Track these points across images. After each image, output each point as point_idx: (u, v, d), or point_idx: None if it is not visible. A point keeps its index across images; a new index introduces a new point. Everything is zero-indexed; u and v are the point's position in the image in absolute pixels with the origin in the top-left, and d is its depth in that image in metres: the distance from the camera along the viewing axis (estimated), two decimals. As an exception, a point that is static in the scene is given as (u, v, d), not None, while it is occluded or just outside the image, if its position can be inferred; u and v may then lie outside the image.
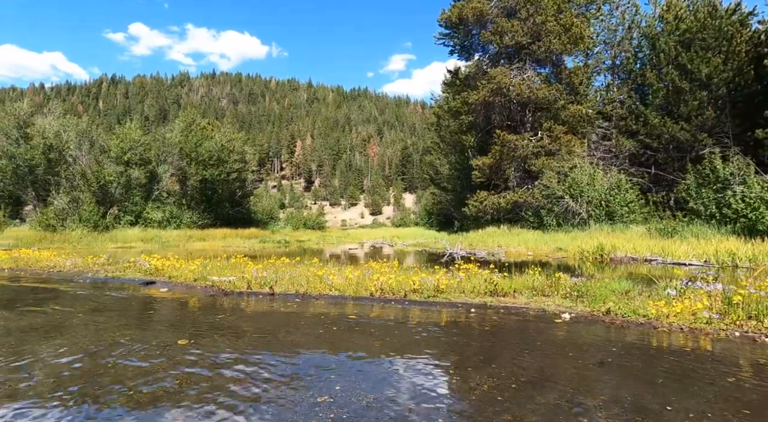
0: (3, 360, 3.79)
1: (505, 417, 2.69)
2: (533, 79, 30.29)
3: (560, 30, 29.10)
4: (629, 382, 3.24)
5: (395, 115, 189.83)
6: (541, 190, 28.04)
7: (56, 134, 28.31)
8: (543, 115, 30.91)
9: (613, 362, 3.71)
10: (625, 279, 8.15)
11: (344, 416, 2.67)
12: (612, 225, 24.58)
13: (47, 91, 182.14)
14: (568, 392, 3.03)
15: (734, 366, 3.60)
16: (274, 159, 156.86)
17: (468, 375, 3.45)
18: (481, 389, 3.15)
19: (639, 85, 32.89)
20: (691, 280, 6.03)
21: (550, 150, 29.26)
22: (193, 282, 7.68)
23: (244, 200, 40.02)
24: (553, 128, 29.61)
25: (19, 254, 11.83)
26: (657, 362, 3.73)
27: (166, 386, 3.17)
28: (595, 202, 25.98)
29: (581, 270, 12.11)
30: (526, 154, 29.26)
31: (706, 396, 3.00)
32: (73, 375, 3.44)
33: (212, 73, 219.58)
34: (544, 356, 3.88)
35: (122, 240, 22.47)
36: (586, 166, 27.59)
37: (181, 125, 34.79)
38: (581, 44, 30.42)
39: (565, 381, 3.24)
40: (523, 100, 29.85)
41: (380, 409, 2.76)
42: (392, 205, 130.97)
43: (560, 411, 2.74)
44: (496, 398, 2.99)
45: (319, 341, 4.47)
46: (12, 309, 6.11)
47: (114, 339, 4.54)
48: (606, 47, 36.08)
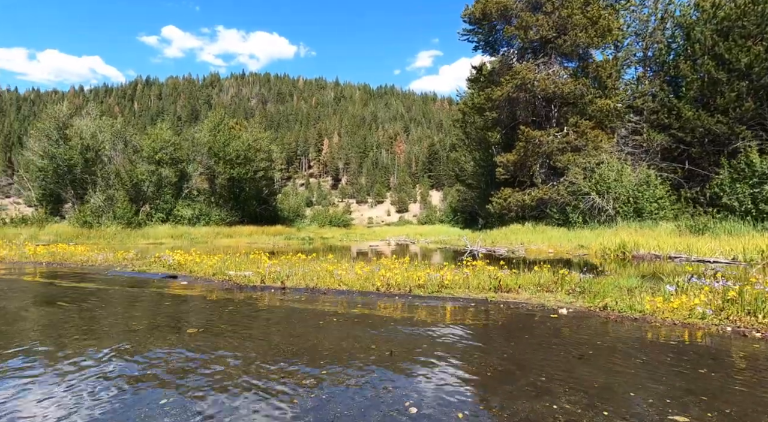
0: (45, 338, 4.26)
1: (474, 400, 2.87)
2: (559, 73, 29.73)
3: (587, 23, 28.44)
4: (603, 372, 3.36)
5: (422, 111, 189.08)
6: (567, 187, 27.57)
7: (93, 135, 29.86)
8: (569, 110, 30.31)
9: (595, 354, 3.80)
10: (638, 276, 8.08)
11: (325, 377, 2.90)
12: (640, 222, 23.97)
13: (86, 93, 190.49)
14: (540, 380, 3.17)
15: (711, 358, 3.64)
16: (302, 157, 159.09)
17: (443, 363, 3.62)
18: (455, 375, 3.32)
19: (672, 77, 31.76)
20: (700, 277, 5.96)
21: (577, 146, 28.68)
22: (212, 276, 8.10)
23: (271, 198, 40.96)
24: (580, 123, 29.01)
25: (57, 249, 12.70)
26: (637, 354, 3.81)
27: (158, 372, 3.48)
28: (622, 199, 25.38)
29: (603, 268, 11.97)
30: (552, 150, 28.79)
31: (673, 384, 3.08)
32: (88, 355, 3.83)
33: (242, 74, 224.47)
34: (527, 348, 4.01)
35: (153, 236, 23.52)
36: (613, 162, 26.95)
37: (210, 125, 36.02)
38: (609, 37, 29.64)
39: (539, 371, 3.38)
40: (549, 96, 29.34)
41: (360, 379, 2.99)
42: (418, 203, 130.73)
43: (525, 395, 2.89)
44: (467, 383, 3.16)
45: (316, 330, 4.73)
46: (50, 300, 6.69)
47: (130, 326, 4.94)
48: (637, 39, 34.96)
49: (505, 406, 2.74)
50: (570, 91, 28.65)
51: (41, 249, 12.83)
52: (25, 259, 12.01)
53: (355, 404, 2.79)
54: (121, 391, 3.05)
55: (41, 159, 29.96)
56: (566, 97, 29.50)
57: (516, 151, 29.73)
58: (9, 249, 13.16)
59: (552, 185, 29.01)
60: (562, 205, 27.67)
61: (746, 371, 3.38)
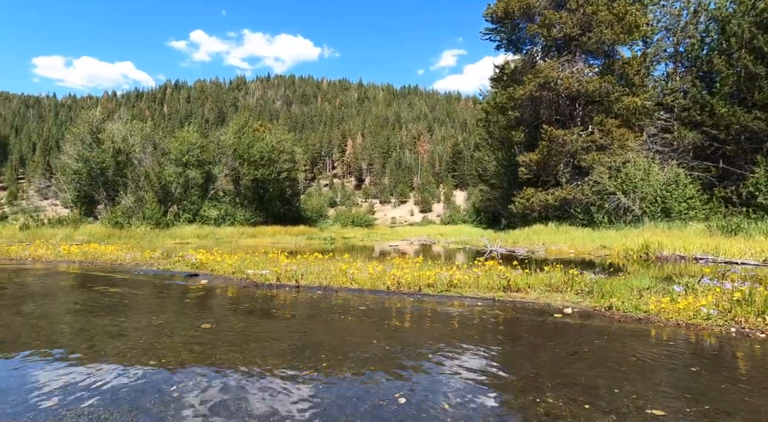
0: (73, 336, 4.61)
1: (461, 392, 2.98)
2: (583, 71, 29.15)
3: (613, 19, 27.81)
4: (593, 369, 3.41)
5: (446, 111, 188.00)
6: (591, 186, 27.04)
7: (124, 138, 31.11)
8: (594, 109, 29.68)
9: (589, 351, 3.85)
10: (657, 277, 7.96)
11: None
12: (668, 223, 23.31)
13: (119, 98, 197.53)
14: (530, 375, 3.26)
15: (706, 358, 3.64)
16: (326, 158, 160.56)
17: (439, 357, 3.74)
18: (448, 369, 3.43)
19: (705, 73, 30.72)
20: (714, 278, 5.85)
21: (602, 144, 28.09)
22: (231, 275, 8.42)
23: (294, 199, 41.67)
24: (605, 122, 28.39)
25: (89, 248, 13.39)
26: (632, 352, 3.85)
27: (169, 359, 3.73)
28: (649, 198, 24.74)
29: (624, 269, 11.77)
30: (576, 149, 28.26)
31: (660, 381, 3.13)
32: (109, 345, 4.13)
33: (267, 76, 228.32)
34: (524, 345, 4.09)
35: (180, 236, 24.32)
36: (640, 161, 26.29)
37: (235, 128, 36.97)
38: (636, 33, 28.91)
39: (531, 366, 3.46)
40: (572, 94, 28.81)
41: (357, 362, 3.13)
42: (442, 203, 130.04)
43: (511, 389, 2.99)
44: (458, 377, 3.27)
45: (322, 326, 4.91)
46: (83, 292, 7.14)
47: (150, 320, 5.25)
48: (668, 34, 33.92)
49: (491, 398, 2.84)
50: (595, 89, 28.06)
51: (74, 248, 13.55)
52: (59, 258, 12.72)
53: (349, 393, 2.95)
54: (137, 376, 3.31)
55: (76, 162, 31.43)
56: (591, 95, 28.90)
57: (539, 151, 29.32)
58: (45, 249, 13.95)
59: (576, 185, 28.48)
60: (586, 205, 27.16)
61: (736, 370, 3.39)
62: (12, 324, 5.13)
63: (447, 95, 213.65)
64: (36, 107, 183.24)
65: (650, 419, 2.55)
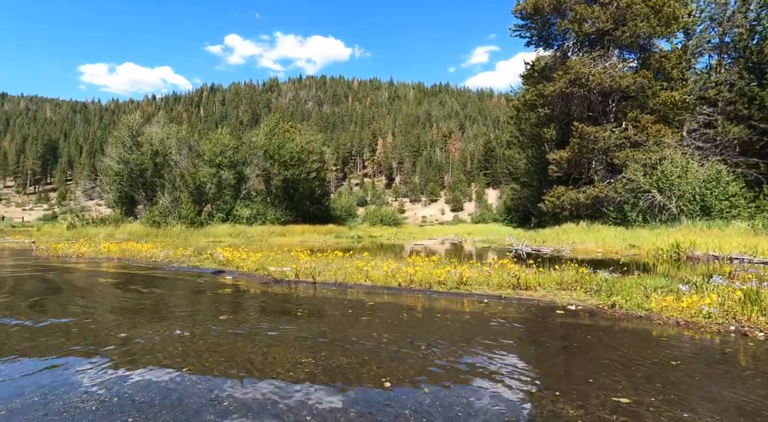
0: (119, 318, 5.11)
1: (443, 378, 3.19)
2: (617, 66, 28.32)
3: (649, 12, 26.91)
4: (576, 361, 3.53)
5: (477, 108, 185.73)
6: (625, 184, 26.29)
7: (161, 141, 32.71)
8: (629, 105, 28.82)
9: (578, 345, 3.95)
10: (672, 276, 7.82)
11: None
12: (708, 222, 22.40)
13: (158, 101, 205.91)
14: (513, 365, 3.41)
15: (691, 353, 3.69)
16: (357, 157, 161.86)
17: (434, 348, 3.94)
18: (437, 359, 3.63)
19: (755, 64, 29.25)
20: (727, 278, 5.76)
21: (636, 141, 27.25)
22: (255, 271, 8.87)
23: (324, 198, 42.45)
24: (640, 117, 27.53)
25: (126, 246, 14.34)
26: (619, 347, 3.94)
27: (187, 349, 4.10)
28: (687, 196, 23.83)
29: (654, 268, 11.53)
30: (608, 147, 27.53)
31: (636, 373, 3.23)
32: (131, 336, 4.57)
33: (299, 78, 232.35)
34: (516, 338, 4.25)
35: (214, 235, 25.32)
36: (677, 157, 25.33)
37: (266, 129, 38.07)
38: (675, 25, 27.85)
39: (517, 358, 3.62)
40: (605, 90, 28.07)
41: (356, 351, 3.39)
42: (474, 201, 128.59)
43: (490, 378, 3.16)
44: (443, 366, 3.46)
45: (327, 319, 5.20)
46: (120, 290, 7.76)
47: (175, 313, 5.71)
48: (712, 24, 32.43)
49: (468, 386, 3.03)
50: (629, 85, 27.26)
51: (114, 246, 14.54)
52: (100, 255, 13.69)
53: (339, 378, 3.20)
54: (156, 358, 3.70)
55: (117, 164, 33.28)
56: (625, 90, 28.09)
57: (570, 148, 28.74)
58: (88, 247, 15.03)
59: (609, 183, 27.75)
60: (619, 204, 26.43)
61: (715, 365, 3.44)
62: (59, 314, 5.69)
63: (479, 92, 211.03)
64: (82, 112, 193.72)
65: (614, 406, 2.68)
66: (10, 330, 4.74)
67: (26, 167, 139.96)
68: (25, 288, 8.02)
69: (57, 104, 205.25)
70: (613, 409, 2.64)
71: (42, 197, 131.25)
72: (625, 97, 29.23)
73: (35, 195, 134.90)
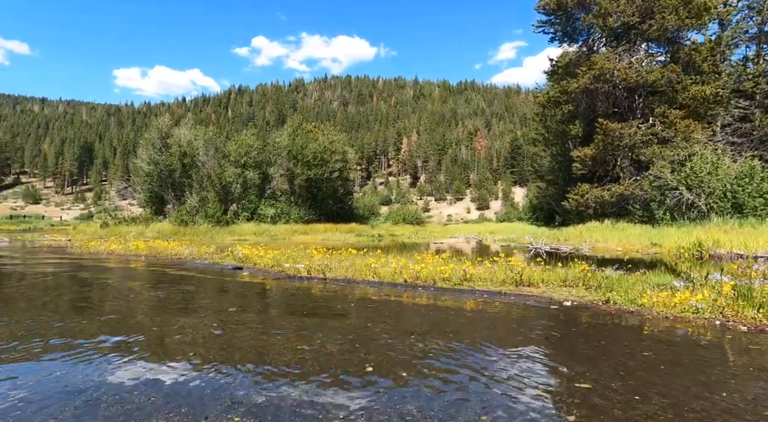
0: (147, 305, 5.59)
1: (419, 363, 3.44)
2: (643, 61, 27.59)
3: (677, 3, 26.11)
4: (554, 351, 3.71)
5: (504, 105, 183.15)
6: (651, 181, 25.64)
7: (189, 142, 33.97)
8: (656, 100, 28.04)
9: (560, 337, 4.12)
10: (682, 275, 7.77)
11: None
12: (740, 219, 21.67)
13: (187, 103, 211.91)
14: (490, 353, 3.63)
15: (667, 345, 3.81)
16: (381, 156, 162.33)
17: (424, 338, 4.18)
18: (419, 347, 3.87)
19: (797, 54, 27.97)
20: (728, 275, 5.75)
21: (664, 137, 26.53)
22: (270, 268, 9.31)
23: (347, 197, 42.98)
24: (668, 113, 26.76)
25: (154, 244, 15.21)
26: (599, 338, 4.11)
27: (193, 338, 4.49)
28: (717, 193, 23.08)
29: (675, 266, 11.39)
30: (634, 143, 26.89)
31: (606, 362, 3.40)
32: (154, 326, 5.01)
33: (324, 78, 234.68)
34: (503, 330, 4.45)
35: (239, 233, 26.17)
36: (707, 153, 24.53)
37: (289, 130, 38.93)
38: (706, 17, 26.95)
39: (497, 346, 3.82)
40: (631, 85, 27.39)
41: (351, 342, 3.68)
42: (500, 200, 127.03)
43: (466, 367, 3.38)
44: (424, 353, 3.71)
45: (329, 313, 5.51)
46: (140, 281, 8.32)
47: (188, 305, 6.16)
48: (750, 13, 31.18)
49: (443, 370, 3.26)
50: (656, 79, 26.54)
51: (142, 244, 15.42)
52: (129, 252, 14.58)
53: (326, 365, 3.49)
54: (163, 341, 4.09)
55: (147, 165, 34.75)
56: (652, 85, 27.34)
57: (594, 145, 28.22)
58: (118, 245, 16.00)
59: (635, 180, 27.11)
60: (645, 202, 25.81)
61: (685, 356, 3.57)
62: (93, 302, 6.23)
63: (506, 89, 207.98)
64: (116, 115, 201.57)
65: (575, 390, 2.87)
66: (44, 323, 5.26)
67: (64, 168, 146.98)
68: (60, 284, 8.70)
69: (92, 107, 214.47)
70: (571, 393, 2.83)
71: (79, 197, 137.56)
72: (653, 92, 28.46)
73: (72, 195, 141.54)
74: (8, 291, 7.50)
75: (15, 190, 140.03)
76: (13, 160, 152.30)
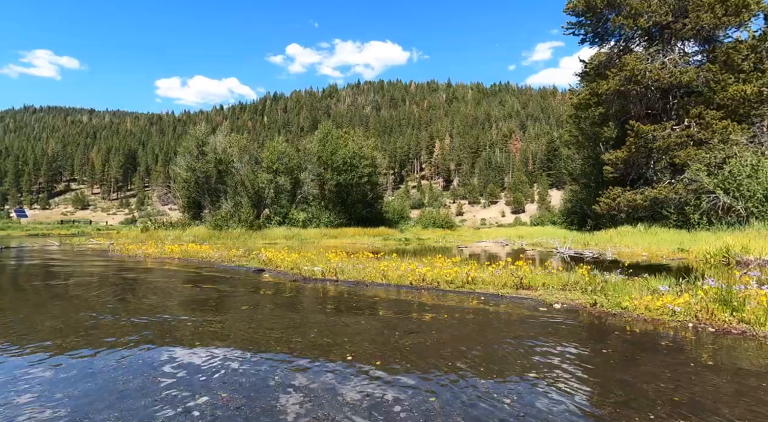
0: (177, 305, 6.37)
1: (397, 354, 3.90)
2: (677, 61, 26.81)
3: (713, 1, 25.29)
4: (519, 348, 4.08)
5: (540, 107, 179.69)
6: (687, 185, 24.88)
7: (224, 150, 35.75)
8: (692, 101, 27.15)
9: (532, 335, 4.48)
10: (686, 279, 7.84)
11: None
12: (784, 224, 20.80)
13: (225, 111, 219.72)
14: (462, 348, 4.05)
15: (629, 343, 4.11)
16: (414, 160, 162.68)
17: (409, 333, 4.64)
18: (401, 342, 4.33)
19: None
20: (725, 281, 5.87)
21: (700, 139, 25.69)
22: (289, 270, 9.99)
23: (376, 201, 43.70)
24: (704, 114, 25.89)
25: (187, 248, 16.41)
26: (569, 337, 4.44)
27: (212, 329, 5.14)
28: (758, 197, 22.21)
29: (696, 272, 11.29)
30: (668, 145, 26.16)
31: (563, 356, 3.75)
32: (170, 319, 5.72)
33: (357, 83, 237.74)
34: (482, 328, 4.86)
35: (270, 237, 27.26)
36: (747, 155, 23.61)
37: (319, 136, 40.15)
38: (745, 14, 25.94)
39: (471, 343, 4.24)
40: (664, 86, 26.68)
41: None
42: (536, 203, 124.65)
43: (440, 357, 3.83)
44: (405, 346, 4.16)
45: (335, 311, 6.05)
46: (177, 281, 9.19)
47: (207, 304, 6.88)
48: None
49: (418, 361, 3.71)
50: (691, 80, 25.74)
51: (176, 248, 16.64)
52: (164, 256, 15.79)
53: (311, 354, 4.01)
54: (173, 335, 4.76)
55: (185, 172, 36.74)
56: (687, 86, 26.53)
57: (626, 148, 27.66)
58: (154, 248, 17.31)
59: (669, 183, 26.36)
60: (680, 205, 25.07)
61: (640, 352, 3.88)
62: (129, 302, 7.07)
63: (541, 90, 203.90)
64: (158, 123, 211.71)
65: (536, 391, 3.27)
66: (81, 320, 6.08)
67: (110, 175, 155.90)
68: (97, 282, 9.70)
69: (136, 117, 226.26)
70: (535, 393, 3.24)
71: (123, 202, 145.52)
72: (688, 93, 27.61)
73: (117, 200, 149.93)
74: (58, 290, 8.51)
75: (66, 197, 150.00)
76: (64, 168, 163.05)
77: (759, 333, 4.17)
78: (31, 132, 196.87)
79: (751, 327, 4.30)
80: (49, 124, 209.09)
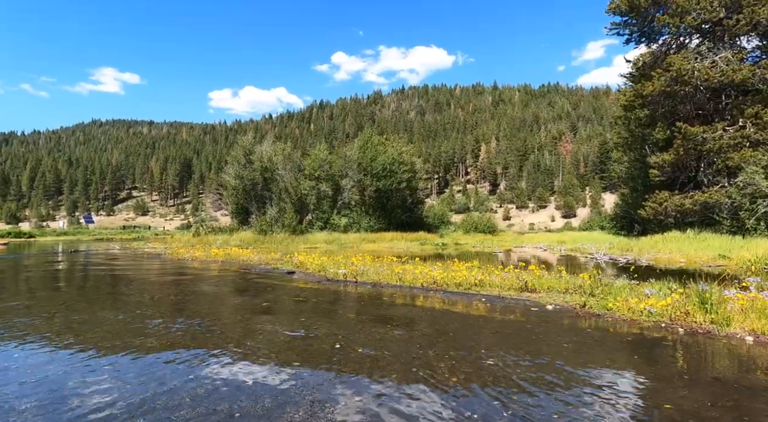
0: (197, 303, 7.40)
1: (370, 348, 4.53)
2: (729, 59, 25.45)
3: (770, -7, 23.91)
4: (494, 340, 4.61)
5: (592, 107, 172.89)
6: (741, 188, 23.60)
7: (269, 158, 37.70)
8: (748, 100, 25.66)
9: (508, 332, 4.97)
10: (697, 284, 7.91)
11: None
12: None
13: (273, 120, 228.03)
14: (440, 340, 4.62)
15: (593, 339, 4.54)
16: (459, 164, 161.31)
17: (401, 326, 5.26)
18: (391, 334, 4.95)
19: None
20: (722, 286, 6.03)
21: (756, 140, 24.29)
22: (317, 273, 10.87)
23: (416, 206, 44.22)
24: (762, 114, 24.46)
25: (230, 251, 17.88)
26: (538, 335, 4.89)
27: (221, 328, 6.00)
28: (821, 201, 20.84)
29: (735, 280, 11.08)
30: (720, 147, 24.91)
31: (528, 348, 4.28)
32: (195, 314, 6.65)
33: (401, 89, 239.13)
34: (469, 324, 5.42)
35: (311, 241, 28.52)
36: (809, 157, 22.19)
37: (359, 143, 41.31)
38: (807, 4, 24.29)
39: (455, 336, 4.81)
40: (714, 86, 25.42)
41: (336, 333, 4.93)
42: (588, 207, 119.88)
43: (421, 347, 4.43)
44: (395, 338, 4.77)
45: (348, 310, 6.76)
46: (218, 279, 10.32)
47: (236, 299, 7.80)
48: None
49: (402, 350, 4.33)
50: (745, 78, 24.39)
51: (220, 251, 18.14)
52: (209, 259, 17.31)
53: (301, 346, 4.73)
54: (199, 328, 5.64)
55: (234, 179, 39.06)
56: (741, 84, 25.13)
57: (673, 150, 26.61)
58: (201, 252, 18.97)
59: (721, 187, 25.06)
60: (734, 210, 23.82)
61: (597, 347, 4.31)
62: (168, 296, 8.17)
63: (593, 90, 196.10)
64: (211, 133, 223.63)
65: (480, 365, 3.82)
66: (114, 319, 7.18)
67: (167, 183, 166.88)
68: (145, 279, 11.00)
69: (191, 127, 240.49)
70: (478, 367, 3.79)
71: (179, 209, 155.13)
72: (744, 92, 26.13)
73: (174, 207, 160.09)
74: (120, 289, 9.85)
75: (128, 204, 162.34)
76: (126, 176, 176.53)
77: (720, 333, 4.43)
78: (97, 144, 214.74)
79: (716, 327, 4.56)
80: (113, 135, 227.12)
